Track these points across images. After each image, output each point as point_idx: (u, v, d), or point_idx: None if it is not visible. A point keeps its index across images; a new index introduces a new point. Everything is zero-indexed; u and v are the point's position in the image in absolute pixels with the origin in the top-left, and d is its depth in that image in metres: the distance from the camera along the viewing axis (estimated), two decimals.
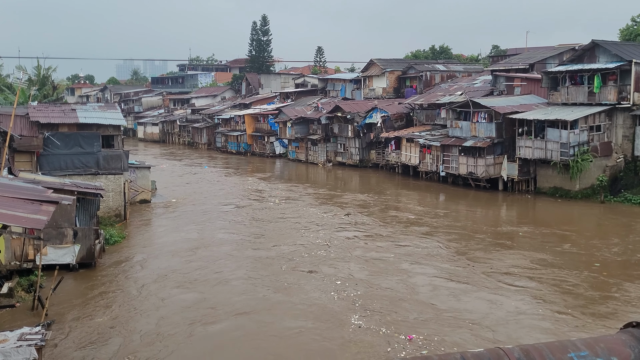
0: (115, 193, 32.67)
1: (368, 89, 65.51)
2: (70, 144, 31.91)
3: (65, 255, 22.62)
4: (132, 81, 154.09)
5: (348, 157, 58.22)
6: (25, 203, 11.21)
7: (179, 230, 30.86)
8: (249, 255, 25.83)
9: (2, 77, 70.18)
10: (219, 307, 19.24)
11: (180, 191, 43.33)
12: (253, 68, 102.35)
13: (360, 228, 30.97)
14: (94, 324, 18.07)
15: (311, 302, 18.87)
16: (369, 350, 15.06)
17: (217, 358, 15.58)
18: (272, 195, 41.87)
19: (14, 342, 12.93)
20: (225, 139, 77.54)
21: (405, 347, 15.31)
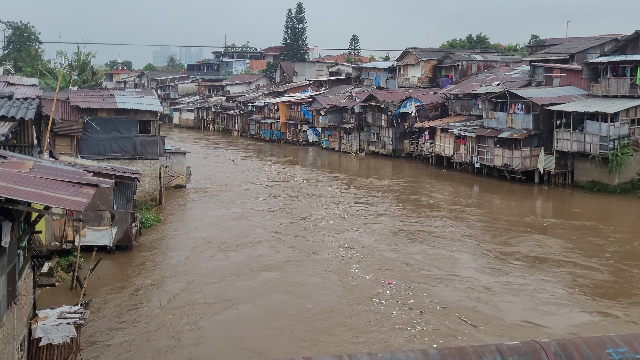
0: (152, 178, 33.23)
1: (403, 78, 64.94)
2: (108, 128, 32.54)
3: (103, 237, 23.17)
4: (169, 68, 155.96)
5: (381, 146, 57.96)
6: (67, 185, 11.47)
7: (212, 215, 31.30)
8: (288, 242, 26.08)
9: (44, 62, 71.84)
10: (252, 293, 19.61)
11: (214, 177, 43.82)
12: (287, 56, 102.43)
13: (382, 209, 33.15)
14: (128, 304, 18.52)
15: (323, 258, 23.54)
16: (359, 289, 20.07)
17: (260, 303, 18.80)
18: (304, 181, 42.04)
19: (54, 319, 13.36)
20: (258, 126, 77.97)
21: (385, 288, 19.97)
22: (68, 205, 10.32)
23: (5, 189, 9.47)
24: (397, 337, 16.14)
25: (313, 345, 15.52)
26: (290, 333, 16.38)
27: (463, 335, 16.13)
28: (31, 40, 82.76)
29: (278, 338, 16.13)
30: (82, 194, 10.99)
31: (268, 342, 15.91)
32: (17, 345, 11.78)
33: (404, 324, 16.88)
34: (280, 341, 15.95)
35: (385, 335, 16.20)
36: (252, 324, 17.15)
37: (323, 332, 16.40)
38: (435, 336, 16.13)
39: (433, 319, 17.23)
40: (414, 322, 16.98)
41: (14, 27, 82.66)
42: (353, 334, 16.21)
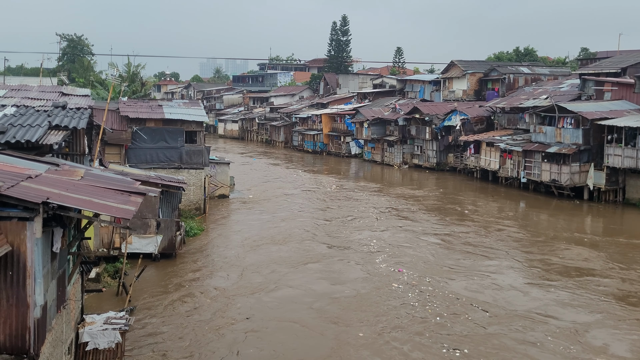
0: (196, 187, 33.75)
1: (448, 90, 64.33)
2: (156, 138, 33.27)
3: (149, 244, 23.60)
4: (214, 79, 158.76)
5: (425, 159, 57.43)
6: (116, 193, 11.73)
7: (255, 224, 31.53)
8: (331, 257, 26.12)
9: (96, 73, 74.11)
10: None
11: (256, 187, 44.20)
12: (331, 68, 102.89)
13: (419, 216, 34.80)
14: (172, 311, 18.75)
15: (356, 253, 26.54)
16: (378, 274, 23.09)
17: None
18: (344, 190, 41.96)
19: (100, 325, 13.64)
20: (302, 137, 78.40)
21: (395, 274, 23.01)
22: (117, 213, 10.55)
23: (58, 196, 9.75)
24: (410, 313, 18.97)
25: (345, 320, 18.28)
26: (327, 311, 19.07)
27: (472, 316, 18.64)
28: (84, 52, 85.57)
29: (318, 313, 18.91)
30: (130, 202, 11.22)
31: (310, 318, 18.61)
32: (65, 348, 12.06)
33: (418, 304, 19.70)
34: (320, 317, 18.65)
35: (401, 311, 19.11)
36: (297, 305, 19.68)
37: (355, 310, 19.25)
38: (446, 314, 18.79)
39: (446, 304, 19.75)
40: (426, 304, 19.69)
41: (69, 39, 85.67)
42: (377, 310, 19.29)
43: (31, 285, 9.12)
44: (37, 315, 9.37)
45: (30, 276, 9.09)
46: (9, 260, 8.97)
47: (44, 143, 14.69)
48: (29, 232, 9.04)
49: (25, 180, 10.11)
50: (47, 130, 15.65)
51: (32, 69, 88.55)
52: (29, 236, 9.05)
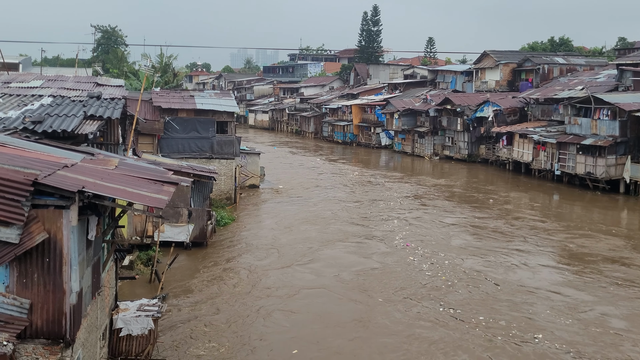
0: (227, 177, 34.04)
1: (480, 81, 63.42)
2: (187, 128, 33.62)
3: (180, 233, 23.92)
4: (245, 70, 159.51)
5: (456, 151, 56.83)
6: (149, 183, 11.88)
7: (285, 214, 31.69)
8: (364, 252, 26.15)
9: (129, 64, 75.14)
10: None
11: (286, 178, 44.35)
12: (362, 58, 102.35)
13: (442, 204, 35.87)
14: (203, 299, 19.00)
15: (379, 230, 29.05)
16: (394, 248, 25.75)
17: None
18: (374, 181, 41.83)
19: (133, 311, 13.89)
20: (331, 128, 78.30)
21: (403, 248, 25.47)
22: (150, 202, 10.69)
23: (93, 185, 9.93)
24: (424, 280, 21.33)
25: (370, 288, 20.47)
26: (354, 281, 21.38)
27: (479, 287, 20.47)
28: (118, 43, 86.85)
29: (347, 283, 21.11)
30: (163, 192, 11.35)
31: (341, 286, 20.74)
32: (100, 334, 12.33)
33: (431, 273, 22.08)
34: (349, 285, 20.83)
35: (415, 280, 21.39)
36: (327, 277, 21.73)
37: (377, 279, 21.53)
38: (457, 283, 20.92)
39: (459, 276, 21.74)
40: (438, 274, 21.85)
41: (103, 30, 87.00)
42: (396, 278, 21.57)
43: (67, 272, 9.32)
44: (72, 301, 9.57)
45: (66, 263, 9.28)
46: (46, 247, 9.18)
47: (79, 133, 14.97)
48: (65, 220, 9.22)
49: (62, 169, 10.31)
50: (83, 120, 15.92)
51: (67, 59, 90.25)
52: (65, 224, 9.23)
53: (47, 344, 9.33)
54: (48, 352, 9.31)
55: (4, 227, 8.89)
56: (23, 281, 9.19)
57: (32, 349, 9.27)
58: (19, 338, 9.06)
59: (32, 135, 14.19)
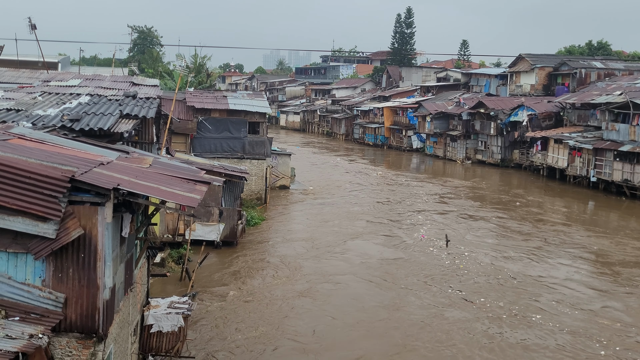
0: (258, 177, 34.23)
1: (515, 85, 62.53)
2: (220, 128, 33.92)
3: (211, 232, 24.13)
4: (277, 71, 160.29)
5: (489, 155, 56.13)
6: (182, 182, 12.01)
7: (315, 215, 31.72)
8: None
9: (164, 64, 76.24)
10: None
11: (317, 179, 44.40)
12: (394, 61, 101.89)
13: (468, 205, 36.78)
14: (232, 298, 19.12)
15: (403, 226, 31.16)
16: (417, 240, 27.54)
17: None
18: (408, 186, 41.57)
19: (164, 308, 14.06)
20: (363, 130, 78.12)
21: (417, 239, 27.51)
22: (183, 200, 10.81)
23: (128, 183, 10.08)
24: (443, 268, 23.06)
25: (395, 275, 22.32)
26: (382, 268, 23.24)
27: (494, 277, 22.05)
28: (153, 43, 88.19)
29: (376, 270, 22.92)
30: (195, 191, 11.47)
31: (367, 273, 22.60)
32: (131, 330, 12.51)
33: (450, 262, 24.02)
34: (372, 272, 22.62)
35: (437, 267, 23.34)
36: (357, 266, 23.45)
37: (402, 267, 23.47)
38: (474, 271, 22.65)
39: (476, 266, 23.37)
40: (455, 263, 23.76)
41: (139, 31, 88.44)
42: (419, 266, 23.57)
43: (101, 268, 9.48)
44: (106, 296, 9.73)
45: (100, 259, 9.44)
46: (81, 243, 9.35)
47: (115, 131, 15.24)
48: (100, 216, 9.38)
49: (98, 166, 10.50)
50: (119, 118, 16.21)
51: (104, 59, 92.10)
52: (100, 220, 9.39)
53: (81, 337, 9.50)
54: (81, 346, 9.48)
55: (42, 222, 9.09)
56: (59, 275, 9.38)
57: (66, 342, 9.46)
58: (54, 331, 9.25)
59: (70, 133, 14.50)
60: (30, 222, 9.08)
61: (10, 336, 8.55)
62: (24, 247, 9.22)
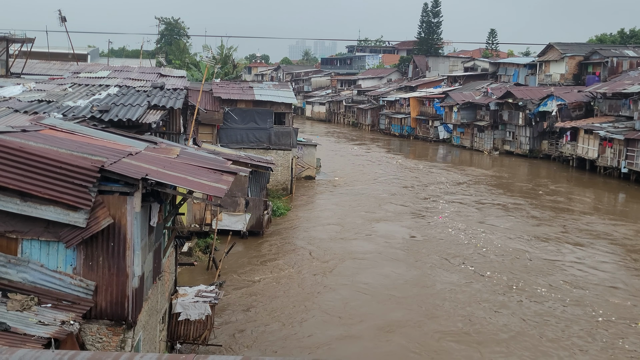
0: (284, 168, 34.34)
1: (544, 74, 61.50)
2: (246, 119, 34.08)
3: (237, 222, 24.32)
4: (303, 61, 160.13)
5: (517, 146, 55.38)
6: (209, 172, 12.12)
7: (341, 206, 31.73)
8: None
9: (191, 55, 76.76)
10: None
11: (342, 170, 44.36)
12: (421, 50, 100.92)
13: (488, 192, 37.89)
14: (258, 288, 19.28)
15: (425, 209, 33.34)
16: (431, 220, 29.92)
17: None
18: (433, 175, 41.29)
19: (192, 297, 14.24)
20: (388, 121, 77.72)
21: (435, 220, 29.32)
22: (210, 191, 10.91)
23: (156, 173, 10.21)
24: (461, 247, 24.66)
25: (418, 254, 23.89)
26: (401, 248, 24.89)
27: (510, 255, 23.60)
28: (180, 34, 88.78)
29: (397, 249, 24.52)
30: (222, 181, 11.56)
31: (393, 252, 24.08)
32: (160, 318, 12.71)
33: (468, 242, 25.69)
34: (398, 252, 24.15)
35: (455, 246, 24.97)
36: (381, 246, 24.89)
37: (423, 246, 25.17)
38: (489, 251, 24.15)
39: (492, 247, 24.84)
40: (472, 241, 25.67)
41: (167, 22, 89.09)
42: (438, 244, 25.34)
43: (130, 257, 9.64)
44: (135, 285, 9.90)
45: (129, 248, 9.61)
46: (110, 232, 9.52)
47: (143, 122, 15.42)
48: (129, 206, 9.54)
49: (127, 157, 10.65)
50: (146, 109, 16.39)
51: (132, 50, 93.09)
52: (129, 210, 9.54)
53: (111, 325, 9.70)
54: (111, 333, 9.68)
55: (72, 212, 9.27)
56: (89, 264, 9.57)
57: (96, 329, 9.66)
58: (85, 318, 9.45)
59: (99, 124, 14.72)
60: (61, 211, 9.28)
61: (43, 322, 8.76)
62: (56, 236, 9.43)
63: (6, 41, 28.44)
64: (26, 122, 13.07)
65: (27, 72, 29.24)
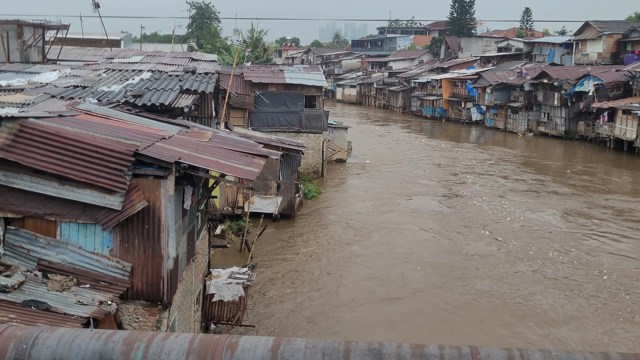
0: (315, 151, 34.36)
1: (580, 54, 59.95)
2: (277, 102, 34.14)
3: (269, 205, 24.52)
4: (333, 44, 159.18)
5: (552, 127, 54.28)
6: (241, 155, 12.22)
7: (372, 189, 31.69)
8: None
9: (222, 39, 77.01)
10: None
11: (373, 153, 44.18)
12: (453, 31, 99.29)
13: (516, 172, 38.22)
14: (290, 270, 19.46)
15: (455, 185, 35.04)
16: (462, 195, 31.13)
17: None
18: (464, 157, 40.84)
19: (225, 278, 14.46)
20: (420, 103, 76.94)
21: (462, 195, 30.96)
22: (241, 174, 11.02)
23: (189, 157, 10.34)
24: (487, 218, 26.32)
25: (447, 224, 25.49)
26: (434, 220, 26.23)
27: (530, 226, 25.08)
28: (211, 19, 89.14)
29: (430, 221, 25.94)
30: (253, 164, 11.65)
31: (425, 224, 25.64)
32: (194, 298, 12.95)
33: (492, 212, 27.56)
34: (431, 223, 25.60)
35: (481, 217, 26.69)
36: (416, 218, 26.41)
37: (451, 217, 26.81)
38: (512, 220, 25.90)
39: (516, 218, 26.45)
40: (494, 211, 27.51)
41: (197, 7, 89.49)
42: (464, 216, 26.95)
43: (165, 239, 9.83)
44: (169, 266, 10.10)
45: (164, 230, 9.79)
46: (145, 215, 9.71)
47: (175, 106, 15.60)
48: (162, 189, 9.70)
49: (160, 141, 10.81)
50: (179, 94, 16.57)
51: (164, 36, 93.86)
52: (163, 193, 9.70)
53: (147, 305, 9.93)
54: (147, 313, 9.91)
55: (108, 195, 9.47)
56: (125, 246, 9.79)
57: (133, 309, 9.90)
58: (122, 299, 9.70)
59: (133, 108, 14.95)
60: (97, 195, 9.49)
61: (81, 302, 9.02)
62: (93, 218, 9.66)
63: (42, 28, 28.99)
64: (62, 107, 13.35)
65: (62, 58, 29.81)
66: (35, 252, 9.74)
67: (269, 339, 3.40)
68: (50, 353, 3.33)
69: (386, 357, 3.26)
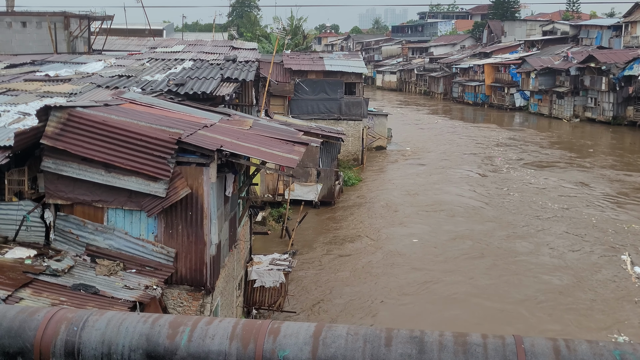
0: (354, 138, 34.26)
1: (630, 36, 57.80)
2: (316, 90, 34.11)
3: (309, 192, 24.60)
4: (373, 30, 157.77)
5: (599, 112, 52.67)
6: (281, 143, 12.28)
7: (412, 176, 31.46)
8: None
9: (261, 27, 77.31)
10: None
11: (414, 140, 43.77)
12: (496, 15, 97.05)
13: (556, 155, 38.74)
14: (331, 257, 19.54)
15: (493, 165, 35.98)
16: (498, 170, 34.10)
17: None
18: (506, 145, 40.10)
19: (266, 265, 14.63)
20: (462, 89, 75.70)
21: (494, 162, 35.56)
22: (282, 161, 11.08)
23: (230, 144, 10.46)
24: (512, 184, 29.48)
25: (485, 195, 28.02)
26: (466, 210, 25.99)
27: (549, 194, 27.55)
28: (251, 7, 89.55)
29: (466, 197, 27.78)
30: (294, 152, 11.70)
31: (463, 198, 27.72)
32: (236, 284, 13.16)
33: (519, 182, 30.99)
34: (468, 197, 27.79)
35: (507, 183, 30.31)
36: (454, 196, 28.03)
37: (484, 187, 29.88)
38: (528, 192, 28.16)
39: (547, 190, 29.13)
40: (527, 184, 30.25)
41: None
42: (497, 185, 30.16)
43: (207, 225, 9.99)
44: (212, 252, 10.27)
45: (206, 217, 9.95)
46: (188, 201, 9.88)
47: (217, 94, 15.76)
48: (205, 176, 9.84)
49: (202, 129, 10.96)
50: (220, 82, 16.72)
51: (205, 24, 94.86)
52: (206, 180, 9.85)
53: (190, 290, 10.14)
54: (191, 298, 10.12)
55: (153, 182, 9.67)
56: (169, 232, 10.00)
57: (177, 294, 10.13)
58: (166, 283, 9.92)
59: (175, 97, 15.18)
60: (142, 182, 9.70)
61: (128, 287, 9.27)
62: (138, 205, 9.88)
63: (88, 19, 29.65)
64: (108, 96, 13.66)
65: (107, 48, 30.44)
66: (83, 238, 10.05)
67: (311, 324, 3.42)
68: (99, 335, 3.43)
69: (428, 345, 3.24)
